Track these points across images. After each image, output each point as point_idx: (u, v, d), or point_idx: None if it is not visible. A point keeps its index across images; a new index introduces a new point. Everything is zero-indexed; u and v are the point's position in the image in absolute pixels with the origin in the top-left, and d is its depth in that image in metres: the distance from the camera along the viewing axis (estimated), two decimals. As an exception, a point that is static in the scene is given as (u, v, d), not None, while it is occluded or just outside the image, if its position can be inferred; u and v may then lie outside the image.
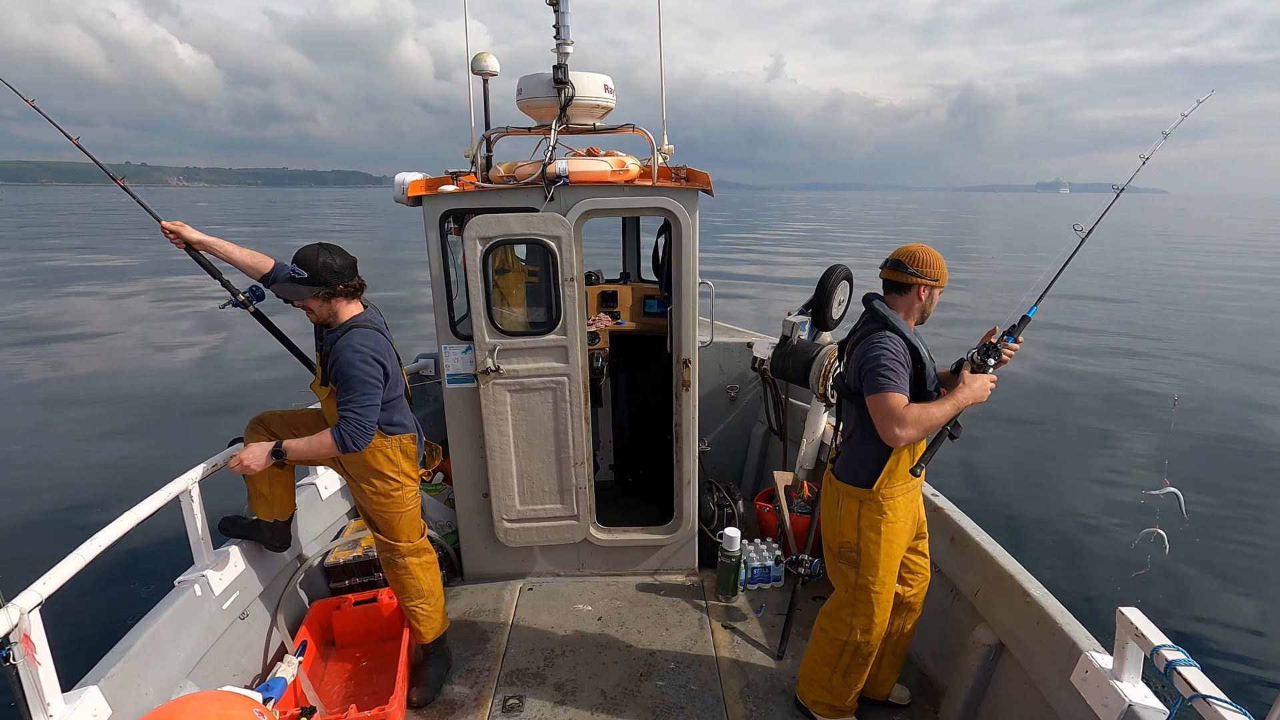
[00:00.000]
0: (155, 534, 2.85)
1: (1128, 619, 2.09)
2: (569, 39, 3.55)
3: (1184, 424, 9.67)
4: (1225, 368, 12.62)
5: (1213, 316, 17.92)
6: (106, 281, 21.87)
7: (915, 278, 2.46)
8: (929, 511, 3.43)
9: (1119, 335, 15.16)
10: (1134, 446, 8.86)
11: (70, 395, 10.30)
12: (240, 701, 2.10)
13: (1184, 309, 18.99)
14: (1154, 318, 17.56)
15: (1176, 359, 13.20)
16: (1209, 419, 9.77)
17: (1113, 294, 21.14)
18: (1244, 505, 7.21)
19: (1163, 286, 23.42)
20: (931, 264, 2.47)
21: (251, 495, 3.09)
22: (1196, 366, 12.69)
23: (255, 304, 3.32)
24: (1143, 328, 16.16)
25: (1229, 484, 7.68)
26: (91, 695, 2.19)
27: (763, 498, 4.54)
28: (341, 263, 2.76)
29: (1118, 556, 6.15)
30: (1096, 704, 2.22)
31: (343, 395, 2.71)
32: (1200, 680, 1.83)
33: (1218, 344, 14.53)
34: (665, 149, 3.75)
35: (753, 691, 3.16)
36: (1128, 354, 13.53)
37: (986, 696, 2.85)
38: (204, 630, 2.83)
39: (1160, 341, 14.62)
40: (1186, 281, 24.94)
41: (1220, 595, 5.70)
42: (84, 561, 2.24)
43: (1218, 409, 10.23)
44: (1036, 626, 2.60)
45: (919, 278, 2.46)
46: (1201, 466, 8.19)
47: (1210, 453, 8.62)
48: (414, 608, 3.15)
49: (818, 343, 4.38)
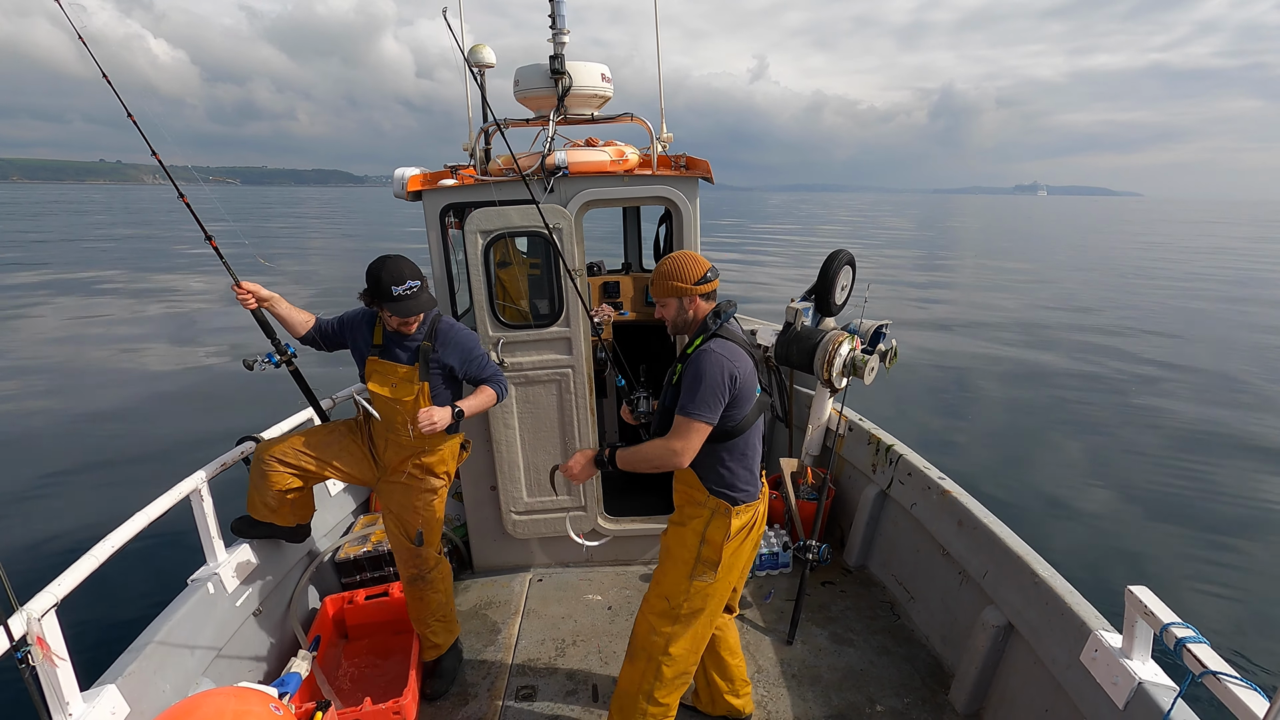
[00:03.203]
0: (167, 533, 2.87)
1: (1137, 597, 2.09)
2: (565, 28, 3.52)
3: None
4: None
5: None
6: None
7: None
8: (936, 495, 3.44)
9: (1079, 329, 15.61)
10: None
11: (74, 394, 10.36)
12: (256, 697, 2.12)
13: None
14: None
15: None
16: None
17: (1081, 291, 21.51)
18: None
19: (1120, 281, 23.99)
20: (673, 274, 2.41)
21: (256, 503, 3.03)
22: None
23: (295, 363, 3.27)
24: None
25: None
26: (109, 694, 2.22)
27: (769, 485, 4.54)
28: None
29: (1118, 536, 6.17)
30: (1106, 682, 2.22)
31: (475, 365, 2.94)
32: (1210, 657, 1.83)
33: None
34: (664, 137, 3.72)
35: (763, 677, 3.17)
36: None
37: (996, 677, 2.87)
38: (218, 627, 2.85)
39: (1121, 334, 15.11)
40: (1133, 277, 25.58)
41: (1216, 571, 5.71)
42: (97, 562, 2.27)
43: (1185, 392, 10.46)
44: (1045, 607, 2.60)
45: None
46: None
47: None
48: (435, 624, 3.15)
49: (821, 328, 4.37)
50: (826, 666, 3.23)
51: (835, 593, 3.82)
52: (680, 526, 2.49)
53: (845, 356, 4.07)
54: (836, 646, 3.37)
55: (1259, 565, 5.81)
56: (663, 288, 2.41)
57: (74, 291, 19.99)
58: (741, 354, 2.33)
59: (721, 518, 2.40)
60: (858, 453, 4.23)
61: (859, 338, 4.29)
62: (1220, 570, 5.72)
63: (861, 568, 4.04)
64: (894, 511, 3.88)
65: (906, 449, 3.88)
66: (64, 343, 13.70)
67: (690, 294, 2.38)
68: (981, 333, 15.12)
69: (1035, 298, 20.27)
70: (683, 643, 2.47)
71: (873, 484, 4.02)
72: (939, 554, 3.41)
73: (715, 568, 2.42)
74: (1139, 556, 5.94)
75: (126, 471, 7.55)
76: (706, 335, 2.34)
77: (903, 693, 3.07)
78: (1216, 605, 5.27)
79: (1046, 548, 2.90)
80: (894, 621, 3.56)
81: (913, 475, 3.70)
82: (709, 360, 2.25)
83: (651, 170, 3.54)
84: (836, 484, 4.40)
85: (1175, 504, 6.86)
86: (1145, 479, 7.47)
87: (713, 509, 2.40)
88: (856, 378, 4.14)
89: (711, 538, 2.41)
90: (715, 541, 2.41)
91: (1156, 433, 8.87)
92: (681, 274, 2.38)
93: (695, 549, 2.43)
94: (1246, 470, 7.68)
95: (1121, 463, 7.89)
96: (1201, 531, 6.30)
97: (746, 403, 2.35)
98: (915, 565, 3.62)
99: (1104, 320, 16.65)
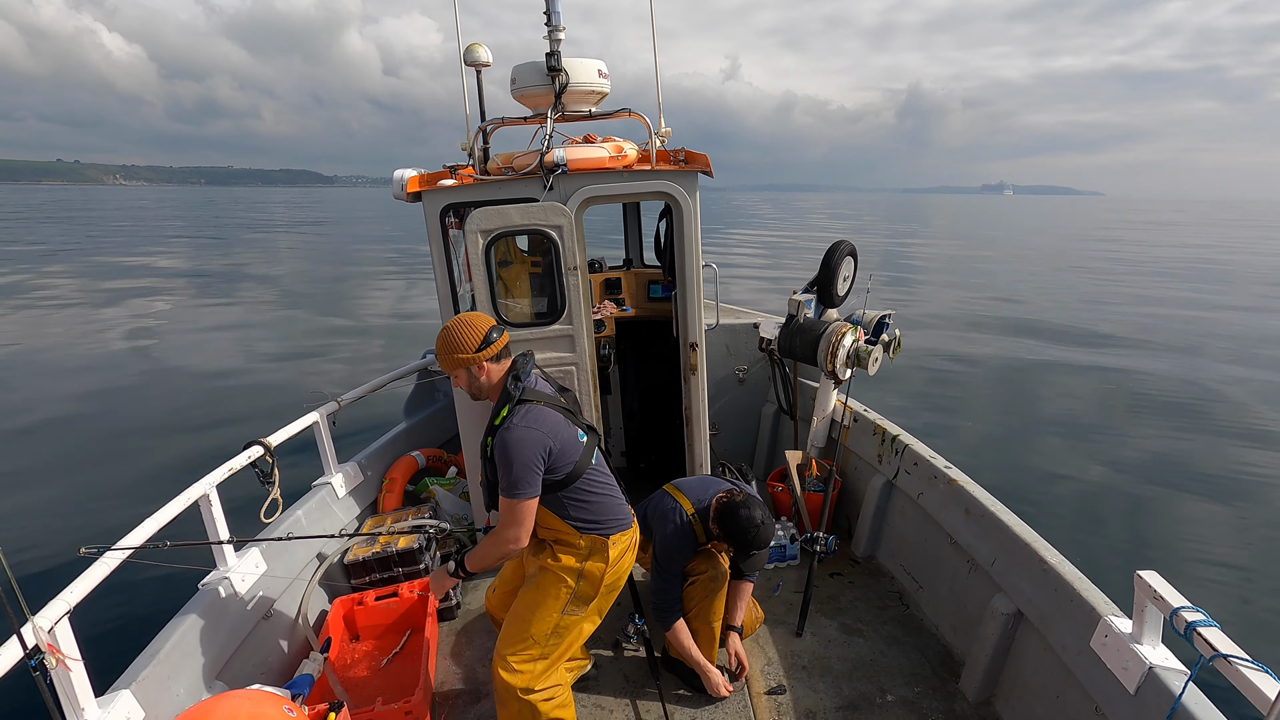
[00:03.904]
0: (177, 537, 2.89)
1: (1146, 582, 2.09)
2: (560, 25, 3.51)
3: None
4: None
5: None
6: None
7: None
8: (942, 484, 3.44)
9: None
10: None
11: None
12: (270, 699, 2.13)
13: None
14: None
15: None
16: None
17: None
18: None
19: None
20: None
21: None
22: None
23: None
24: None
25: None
26: (124, 699, 2.24)
27: (775, 477, 4.55)
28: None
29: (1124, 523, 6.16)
30: (1117, 667, 2.22)
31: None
32: (1221, 640, 1.83)
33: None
34: (663, 132, 3.71)
35: (773, 669, 3.18)
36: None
37: (1007, 665, 2.87)
38: (230, 631, 2.87)
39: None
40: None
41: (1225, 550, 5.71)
42: (109, 569, 2.28)
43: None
44: (1055, 593, 2.60)
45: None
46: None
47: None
48: None
49: (824, 320, 4.36)
50: (836, 657, 3.24)
51: (844, 584, 3.83)
52: (554, 562, 2.48)
53: (849, 348, 4.07)
54: (846, 637, 3.38)
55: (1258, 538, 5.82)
56: (447, 362, 2.35)
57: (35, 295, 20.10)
58: (548, 416, 2.30)
59: (600, 552, 2.44)
60: (863, 443, 4.23)
61: (862, 328, 4.28)
62: (1223, 550, 5.71)
63: (869, 558, 4.05)
64: (901, 501, 3.88)
65: (912, 439, 3.88)
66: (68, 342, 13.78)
67: (476, 362, 2.33)
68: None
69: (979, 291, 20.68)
70: (548, 675, 2.49)
71: (879, 474, 4.02)
72: (947, 543, 3.40)
73: (589, 601, 2.47)
74: (1143, 539, 5.94)
75: (138, 475, 7.59)
76: (511, 405, 2.29)
77: (913, 682, 3.07)
78: (1223, 586, 5.27)
79: (1053, 536, 2.90)
80: (903, 611, 3.56)
81: (919, 465, 3.69)
82: (514, 441, 2.21)
83: (651, 165, 3.53)
84: (842, 475, 4.40)
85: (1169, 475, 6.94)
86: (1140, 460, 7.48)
87: (589, 545, 2.44)
88: (860, 369, 4.13)
89: (590, 572, 2.44)
90: (595, 576, 2.45)
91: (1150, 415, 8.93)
92: (460, 344, 2.31)
93: (572, 586, 2.45)
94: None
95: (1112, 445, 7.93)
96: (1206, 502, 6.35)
97: (569, 457, 2.35)
98: (923, 555, 3.62)
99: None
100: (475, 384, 2.39)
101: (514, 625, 2.51)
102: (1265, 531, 6.05)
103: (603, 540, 2.44)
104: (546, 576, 2.50)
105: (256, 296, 19.20)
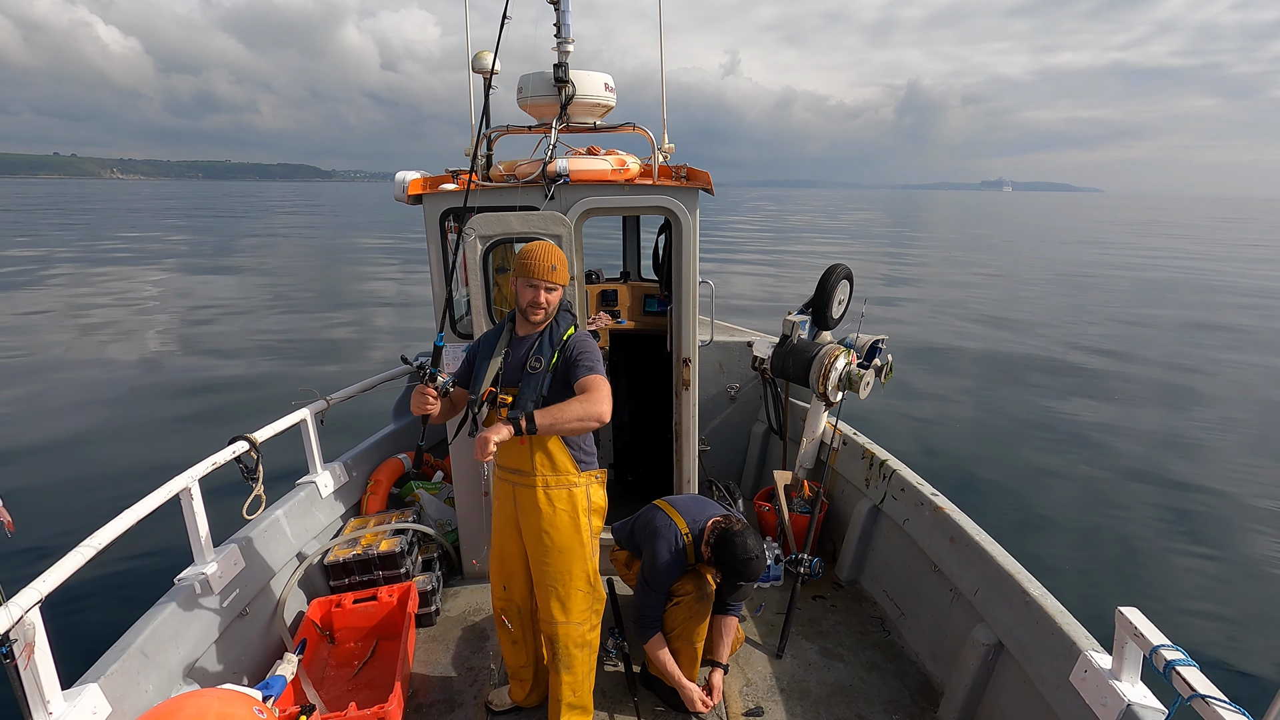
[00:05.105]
0: (155, 532, 2.85)
1: (1127, 619, 2.09)
2: (569, 37, 3.54)
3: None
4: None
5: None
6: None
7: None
8: (929, 511, 3.44)
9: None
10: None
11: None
12: (240, 699, 2.10)
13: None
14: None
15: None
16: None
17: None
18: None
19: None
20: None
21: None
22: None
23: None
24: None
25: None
26: (91, 693, 2.20)
27: (762, 497, 4.54)
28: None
29: (1112, 555, 6.17)
30: (1095, 703, 2.22)
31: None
32: (1199, 680, 1.83)
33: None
34: (666, 148, 3.74)
35: (752, 690, 3.16)
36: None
37: (985, 696, 2.86)
38: (204, 628, 2.83)
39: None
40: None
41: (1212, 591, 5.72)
42: (84, 559, 2.24)
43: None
44: (1036, 626, 2.60)
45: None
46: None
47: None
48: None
49: (817, 342, 4.38)
50: (816, 681, 3.22)
51: (826, 607, 3.81)
52: (552, 512, 2.60)
53: (841, 371, 4.08)
54: (826, 661, 3.36)
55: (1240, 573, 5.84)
56: (564, 274, 2.55)
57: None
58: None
59: (598, 485, 2.71)
60: (851, 467, 4.23)
61: (855, 352, 4.30)
62: (1208, 582, 5.73)
63: (853, 582, 4.04)
64: (886, 526, 3.88)
65: (900, 464, 3.88)
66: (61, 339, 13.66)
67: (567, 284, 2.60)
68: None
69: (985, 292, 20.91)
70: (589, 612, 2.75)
71: (866, 498, 4.02)
72: (930, 570, 3.40)
73: (599, 535, 2.74)
74: (1129, 575, 5.95)
75: (116, 470, 7.50)
76: (574, 324, 2.65)
77: (891, 709, 3.06)
78: (1206, 620, 5.28)
79: (1037, 566, 2.90)
80: (884, 637, 3.55)
81: (906, 491, 3.70)
82: (591, 340, 2.59)
83: (652, 180, 3.55)
84: (830, 497, 4.40)
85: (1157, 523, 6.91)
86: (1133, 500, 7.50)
87: (585, 482, 2.65)
88: (852, 392, 4.14)
89: (597, 504, 2.70)
90: (601, 506, 2.73)
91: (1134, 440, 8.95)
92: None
93: (586, 525, 2.66)
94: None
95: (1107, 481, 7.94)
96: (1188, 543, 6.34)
97: None
98: (907, 581, 3.62)
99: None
100: (553, 303, 2.56)
101: (561, 587, 2.67)
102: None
103: (596, 474, 2.68)
104: (559, 534, 2.62)
105: (248, 292, 19.13)
